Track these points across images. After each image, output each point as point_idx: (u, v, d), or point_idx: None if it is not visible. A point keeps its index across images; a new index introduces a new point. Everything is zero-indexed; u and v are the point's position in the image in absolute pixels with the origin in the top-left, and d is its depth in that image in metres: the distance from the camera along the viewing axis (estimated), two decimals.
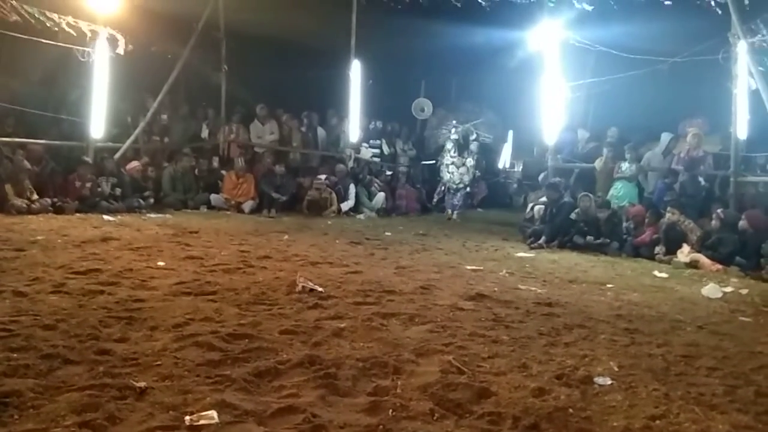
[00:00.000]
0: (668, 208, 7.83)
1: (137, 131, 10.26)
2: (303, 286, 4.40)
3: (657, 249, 7.43)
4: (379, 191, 11.58)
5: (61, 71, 9.92)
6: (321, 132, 12.33)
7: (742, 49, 7.77)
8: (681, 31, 8.66)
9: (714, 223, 7.31)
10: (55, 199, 8.21)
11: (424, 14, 10.75)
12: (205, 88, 11.86)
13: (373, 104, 12.56)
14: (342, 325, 3.56)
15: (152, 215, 8.74)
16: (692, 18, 8.29)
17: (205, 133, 11.68)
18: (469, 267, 6.12)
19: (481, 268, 6.13)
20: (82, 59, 8.92)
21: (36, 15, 7.83)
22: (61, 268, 4.65)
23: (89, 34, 8.71)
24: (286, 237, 7.46)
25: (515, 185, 15.99)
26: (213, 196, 10.32)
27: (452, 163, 11.46)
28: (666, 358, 3.33)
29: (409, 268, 5.81)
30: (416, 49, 12.00)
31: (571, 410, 2.52)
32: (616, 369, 3.07)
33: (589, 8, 9.07)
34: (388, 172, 12.78)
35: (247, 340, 3.19)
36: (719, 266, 6.68)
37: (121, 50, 9.08)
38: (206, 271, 5.00)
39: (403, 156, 13.59)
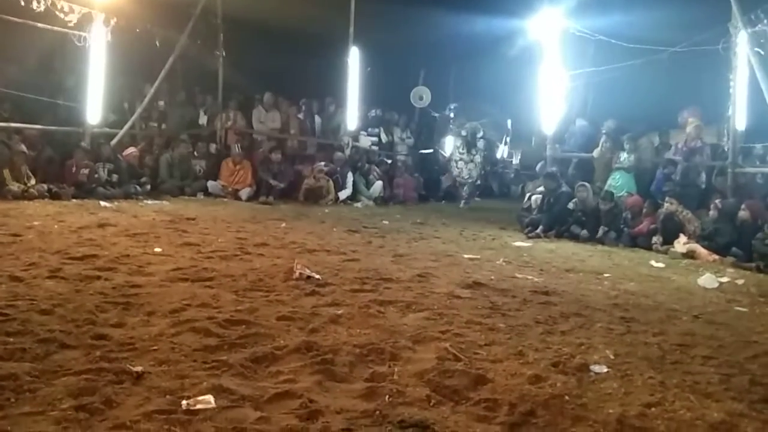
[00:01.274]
0: (666, 198, 7.84)
1: (134, 117, 10.21)
2: (300, 273, 4.39)
3: (654, 239, 7.44)
4: (377, 180, 11.58)
5: (58, 56, 9.85)
6: (318, 120, 12.28)
7: (742, 39, 7.75)
8: (681, 21, 8.62)
9: (712, 213, 7.31)
10: (52, 185, 8.18)
11: (423, 2, 10.71)
12: (202, 75, 11.80)
13: (371, 92, 12.53)
14: (339, 312, 3.56)
15: (149, 202, 8.71)
16: (692, 7, 8.26)
17: (202, 120, 11.62)
18: (466, 256, 6.12)
19: (478, 256, 6.13)
20: (79, 44, 8.86)
21: None
22: (57, 254, 4.63)
23: (85, 19, 8.64)
24: (283, 224, 7.45)
25: (513, 175, 16.02)
26: (210, 183, 10.28)
27: (461, 159, 11.94)
28: (662, 347, 3.34)
29: (407, 257, 5.81)
30: (415, 37, 11.97)
31: (567, 397, 2.52)
32: (612, 357, 3.08)
33: None
34: (388, 161, 12.79)
35: (244, 326, 3.19)
36: (716, 256, 6.70)
37: (109, 29, 9.00)
38: (203, 257, 4.99)
39: (401, 144, 13.58)
